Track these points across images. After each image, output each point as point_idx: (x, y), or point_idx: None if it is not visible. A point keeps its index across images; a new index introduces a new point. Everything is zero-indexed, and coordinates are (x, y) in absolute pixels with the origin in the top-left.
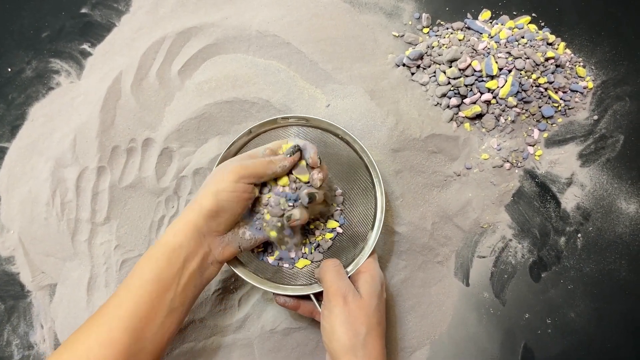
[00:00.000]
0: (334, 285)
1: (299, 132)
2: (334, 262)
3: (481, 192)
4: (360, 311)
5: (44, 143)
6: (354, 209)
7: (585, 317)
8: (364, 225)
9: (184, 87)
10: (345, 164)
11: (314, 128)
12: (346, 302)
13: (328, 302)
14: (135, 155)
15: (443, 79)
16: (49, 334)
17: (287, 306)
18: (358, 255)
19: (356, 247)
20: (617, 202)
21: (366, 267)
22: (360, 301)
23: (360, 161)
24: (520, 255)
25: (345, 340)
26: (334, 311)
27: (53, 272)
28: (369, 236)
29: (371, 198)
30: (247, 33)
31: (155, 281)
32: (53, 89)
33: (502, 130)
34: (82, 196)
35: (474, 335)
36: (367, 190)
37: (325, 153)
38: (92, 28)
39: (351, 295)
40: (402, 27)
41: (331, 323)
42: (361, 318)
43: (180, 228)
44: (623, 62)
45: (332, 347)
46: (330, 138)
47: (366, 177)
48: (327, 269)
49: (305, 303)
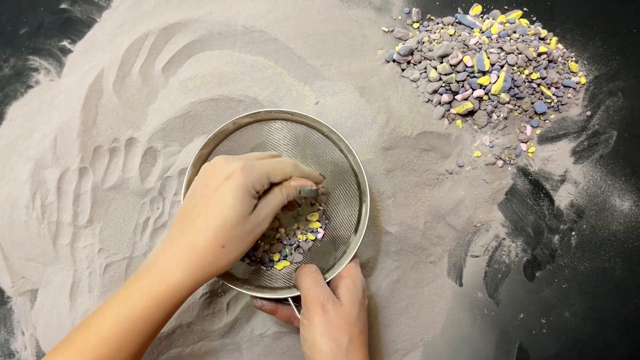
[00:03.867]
0: (311, 293)
1: (283, 127)
2: (310, 268)
3: (474, 190)
4: (341, 320)
5: (23, 143)
6: (338, 210)
7: (580, 316)
8: (348, 228)
9: (168, 84)
10: (330, 164)
11: (299, 124)
12: (325, 311)
13: (307, 311)
14: (118, 155)
15: (434, 75)
16: (31, 341)
17: (265, 310)
18: (339, 259)
19: (338, 250)
20: (611, 199)
21: (347, 271)
22: (340, 309)
23: (346, 161)
24: (514, 254)
25: (327, 351)
26: (314, 321)
27: (34, 277)
28: (352, 239)
29: (356, 200)
30: (233, 29)
31: (130, 329)
32: (32, 88)
33: (495, 127)
34: (64, 198)
35: (468, 336)
36: (352, 192)
37: (310, 151)
38: (72, 24)
39: (330, 304)
40: (391, 22)
41: (311, 333)
42: (342, 327)
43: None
44: (615, 57)
45: (313, 358)
46: (315, 135)
47: (351, 178)
48: (303, 276)
49: (283, 308)
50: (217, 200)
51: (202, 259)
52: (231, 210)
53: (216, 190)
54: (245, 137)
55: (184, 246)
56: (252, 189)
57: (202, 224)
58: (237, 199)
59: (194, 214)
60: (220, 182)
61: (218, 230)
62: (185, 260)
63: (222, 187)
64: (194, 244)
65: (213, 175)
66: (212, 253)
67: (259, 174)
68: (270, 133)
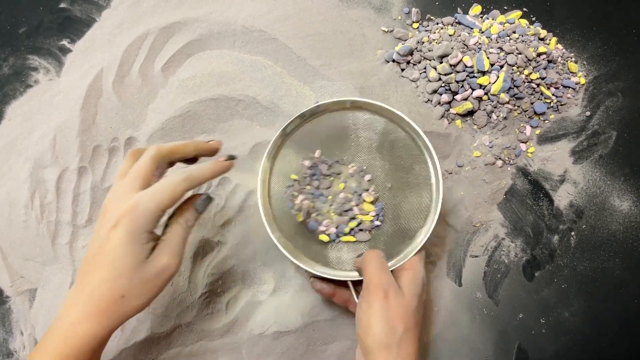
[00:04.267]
0: (375, 278)
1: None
2: (377, 253)
3: (473, 190)
4: (400, 309)
5: (22, 143)
6: (407, 202)
7: (580, 316)
8: (416, 220)
9: (167, 84)
10: (402, 153)
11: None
12: (387, 298)
13: (368, 294)
14: (117, 155)
15: (434, 75)
16: (29, 341)
17: (323, 293)
18: (403, 251)
19: (403, 242)
20: (611, 199)
21: (411, 265)
22: (401, 299)
23: (419, 153)
24: (513, 254)
25: (382, 336)
26: (374, 305)
27: (33, 276)
28: (419, 233)
29: (428, 193)
30: (233, 28)
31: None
32: (31, 87)
33: (494, 127)
34: (63, 198)
35: (467, 336)
36: (424, 184)
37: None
38: (72, 23)
39: (393, 291)
40: (391, 22)
41: (369, 317)
42: (400, 316)
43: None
44: (615, 57)
45: (366, 341)
46: (394, 129)
47: (425, 172)
48: (370, 259)
49: (341, 291)
50: (108, 251)
51: (105, 310)
52: (123, 261)
53: (107, 240)
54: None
55: (86, 298)
56: (143, 233)
57: (98, 276)
58: (126, 248)
59: (91, 265)
60: (108, 231)
61: (114, 281)
62: (89, 311)
63: (110, 237)
64: (95, 296)
65: (103, 222)
66: (113, 303)
67: (147, 214)
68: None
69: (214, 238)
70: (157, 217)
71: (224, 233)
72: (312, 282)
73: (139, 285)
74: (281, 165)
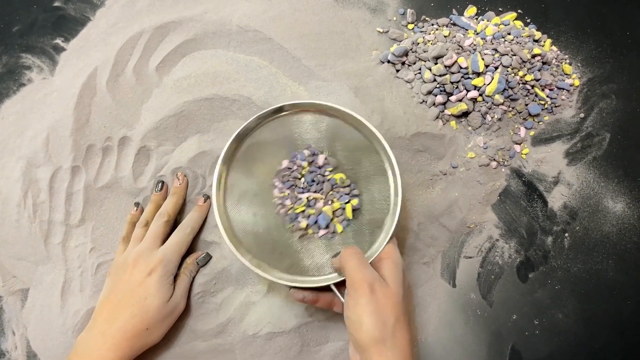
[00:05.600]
0: (358, 274)
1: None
2: (354, 250)
3: (467, 191)
4: (388, 300)
5: (15, 142)
6: (369, 193)
7: (573, 317)
8: (380, 209)
9: (162, 83)
10: (354, 150)
11: (328, 116)
12: (373, 292)
13: (354, 291)
14: (111, 154)
15: (428, 76)
16: (21, 341)
17: (306, 301)
18: (376, 242)
19: (373, 233)
20: (604, 201)
21: (387, 253)
22: (387, 289)
23: (371, 146)
24: (507, 256)
25: (374, 331)
26: (360, 301)
27: (25, 276)
28: (386, 220)
29: (387, 181)
30: (228, 28)
31: None
32: (24, 85)
33: (489, 129)
34: (56, 197)
35: (461, 337)
36: (381, 174)
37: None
38: (66, 22)
39: (378, 284)
40: (386, 23)
41: (357, 314)
42: (389, 307)
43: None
44: (609, 59)
45: (359, 338)
46: (344, 127)
47: (378, 160)
48: (348, 256)
49: (323, 295)
50: (141, 291)
51: (130, 341)
52: (154, 300)
53: (141, 284)
54: (271, 132)
55: (114, 333)
56: (170, 277)
57: (129, 312)
58: (159, 290)
59: (121, 305)
60: (144, 277)
61: (143, 316)
62: (115, 345)
63: (145, 282)
64: (124, 330)
65: (135, 271)
66: (138, 335)
67: (173, 263)
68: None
69: (208, 238)
70: (178, 265)
71: (217, 233)
72: (292, 293)
73: (160, 321)
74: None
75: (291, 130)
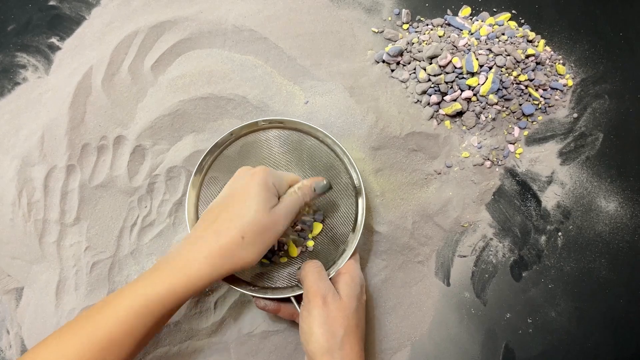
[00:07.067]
0: (314, 286)
1: (280, 135)
2: (315, 264)
3: (462, 190)
4: (338, 312)
5: (9, 141)
6: (335, 210)
7: (566, 316)
8: (345, 226)
9: (157, 82)
10: (325, 166)
11: (292, 130)
12: (325, 303)
13: (308, 302)
14: (106, 153)
15: (423, 76)
16: (16, 340)
17: (268, 309)
18: (339, 257)
19: (337, 249)
20: (597, 200)
21: (347, 268)
22: (339, 302)
23: (340, 163)
24: (501, 255)
25: (322, 341)
26: (313, 312)
27: (20, 275)
28: (350, 238)
29: (352, 199)
30: (223, 27)
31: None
32: (19, 84)
33: (483, 128)
34: (51, 196)
35: (455, 336)
36: (348, 192)
37: (305, 156)
38: (61, 21)
39: (330, 296)
40: (381, 23)
41: (309, 324)
42: (339, 319)
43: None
44: (602, 60)
45: (309, 349)
46: (310, 140)
47: (347, 179)
48: (308, 270)
49: (285, 306)
50: (241, 193)
51: (223, 250)
52: (253, 202)
53: (242, 187)
54: (241, 148)
55: (209, 238)
56: (272, 187)
57: (226, 216)
58: (259, 191)
59: (219, 209)
60: (246, 180)
61: (240, 219)
62: (207, 252)
63: (246, 184)
64: (218, 234)
65: (239, 176)
66: (233, 244)
67: (279, 176)
68: (266, 141)
69: None
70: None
71: None
72: (255, 301)
73: (256, 232)
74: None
75: (263, 146)
